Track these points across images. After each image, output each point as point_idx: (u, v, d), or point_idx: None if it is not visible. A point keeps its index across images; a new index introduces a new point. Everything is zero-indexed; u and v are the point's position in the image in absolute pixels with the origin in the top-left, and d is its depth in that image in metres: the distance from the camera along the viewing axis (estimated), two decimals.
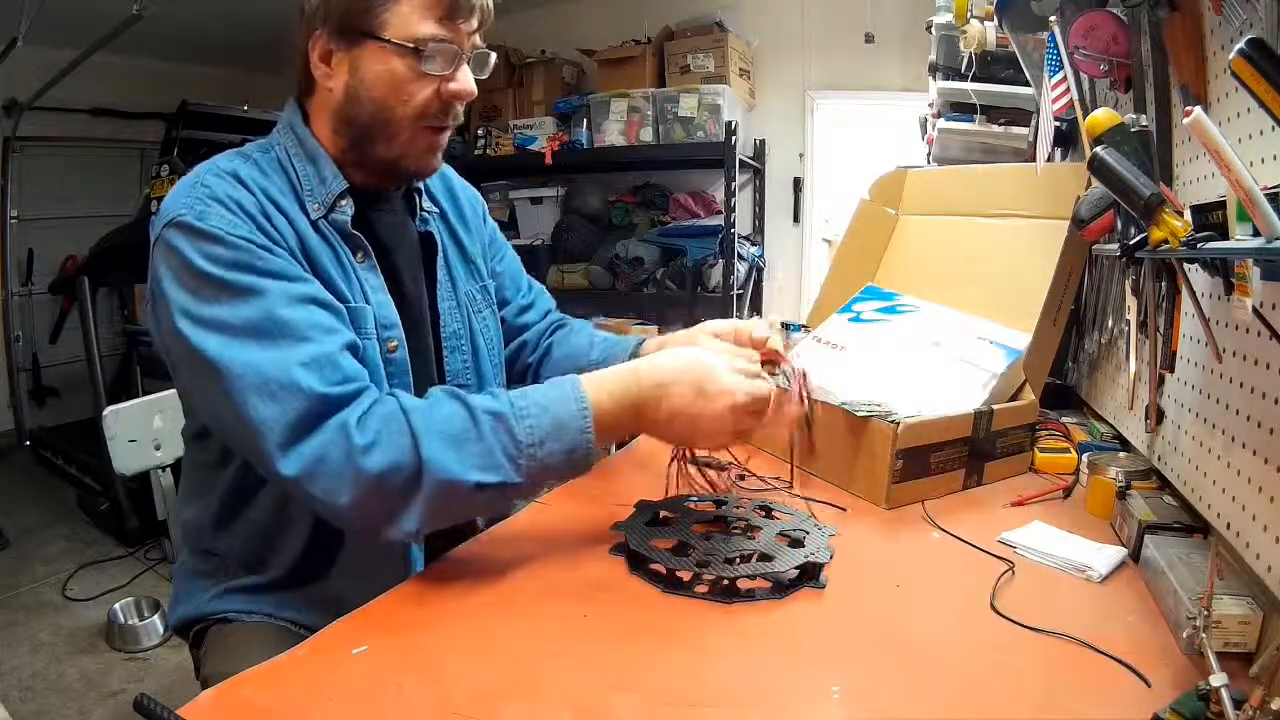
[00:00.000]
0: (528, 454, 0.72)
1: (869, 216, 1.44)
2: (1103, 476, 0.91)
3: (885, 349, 1.14)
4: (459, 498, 0.71)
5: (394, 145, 0.85)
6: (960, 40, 1.58)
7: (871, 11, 2.90)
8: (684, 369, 0.77)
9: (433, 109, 0.84)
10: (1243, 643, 0.58)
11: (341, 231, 0.85)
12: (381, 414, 0.71)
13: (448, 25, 0.81)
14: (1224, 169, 0.54)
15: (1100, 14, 0.96)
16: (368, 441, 0.69)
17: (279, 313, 0.72)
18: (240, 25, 3.66)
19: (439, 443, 0.70)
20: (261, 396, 0.70)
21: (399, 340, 0.87)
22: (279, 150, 0.87)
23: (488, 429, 0.71)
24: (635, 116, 3.07)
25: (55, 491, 3.17)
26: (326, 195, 0.84)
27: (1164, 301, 0.81)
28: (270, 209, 0.80)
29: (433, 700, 0.55)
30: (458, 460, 0.70)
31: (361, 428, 0.69)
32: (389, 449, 0.69)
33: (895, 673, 0.59)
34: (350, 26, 0.81)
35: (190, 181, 0.79)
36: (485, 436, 0.71)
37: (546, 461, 0.72)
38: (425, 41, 0.80)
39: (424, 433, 0.70)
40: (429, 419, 0.71)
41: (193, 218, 0.74)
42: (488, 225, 1.12)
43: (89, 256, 3.18)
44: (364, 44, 0.81)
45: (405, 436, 0.70)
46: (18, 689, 1.90)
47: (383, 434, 0.70)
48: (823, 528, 0.79)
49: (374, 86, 0.82)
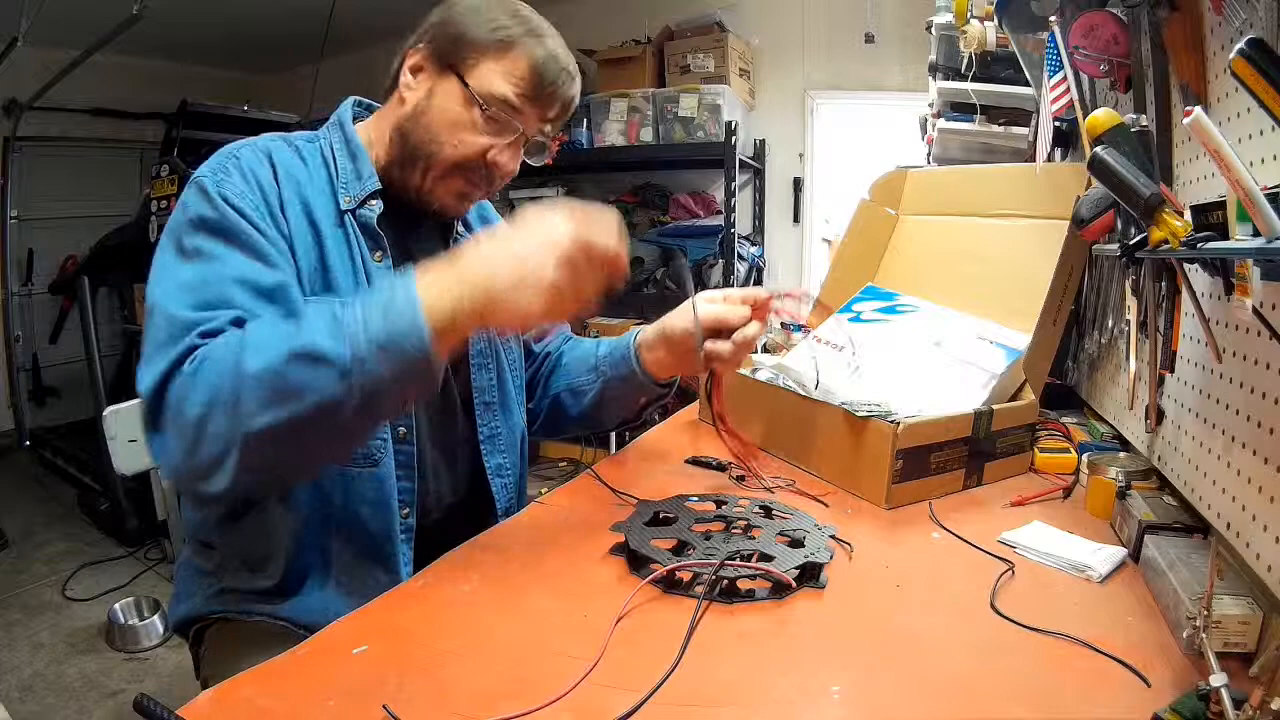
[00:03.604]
0: (349, 326, 0.64)
1: (869, 216, 1.44)
2: (1103, 476, 0.91)
3: (885, 349, 1.14)
4: (271, 386, 0.63)
5: (429, 178, 0.88)
6: (960, 40, 1.58)
7: (871, 12, 2.91)
8: (520, 241, 0.69)
9: (474, 164, 0.87)
10: (1243, 643, 0.58)
11: (366, 228, 0.87)
12: (209, 347, 0.68)
13: (524, 100, 0.86)
14: (1224, 169, 0.54)
15: (1100, 14, 0.96)
16: (192, 369, 0.66)
17: (226, 288, 0.73)
18: (240, 25, 3.67)
19: (256, 340, 0.65)
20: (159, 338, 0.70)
21: None
22: (324, 142, 0.91)
23: (309, 313, 0.68)
24: (635, 116, 3.07)
25: (55, 491, 3.18)
26: (360, 191, 0.88)
27: (1164, 301, 0.81)
28: (290, 196, 0.83)
29: (433, 700, 0.55)
30: (272, 348, 0.64)
31: (191, 361, 0.67)
32: (208, 373, 0.65)
33: (895, 673, 0.59)
34: (446, 56, 0.86)
35: (228, 150, 0.84)
36: (305, 319, 0.67)
37: (371, 331, 0.63)
38: (496, 103, 0.84)
39: (246, 340, 0.66)
40: (256, 329, 0.68)
41: (210, 181, 0.79)
42: None
43: (89, 256, 3.19)
44: (449, 77, 0.86)
45: (224, 357, 0.66)
46: (18, 689, 1.90)
47: (205, 360, 0.66)
48: (823, 527, 0.79)
49: (437, 117, 0.86)
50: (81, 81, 3.27)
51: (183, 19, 3.32)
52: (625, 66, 3.14)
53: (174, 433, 0.67)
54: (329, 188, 0.87)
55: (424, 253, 0.94)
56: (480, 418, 0.98)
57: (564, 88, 0.88)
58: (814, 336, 1.21)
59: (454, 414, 0.97)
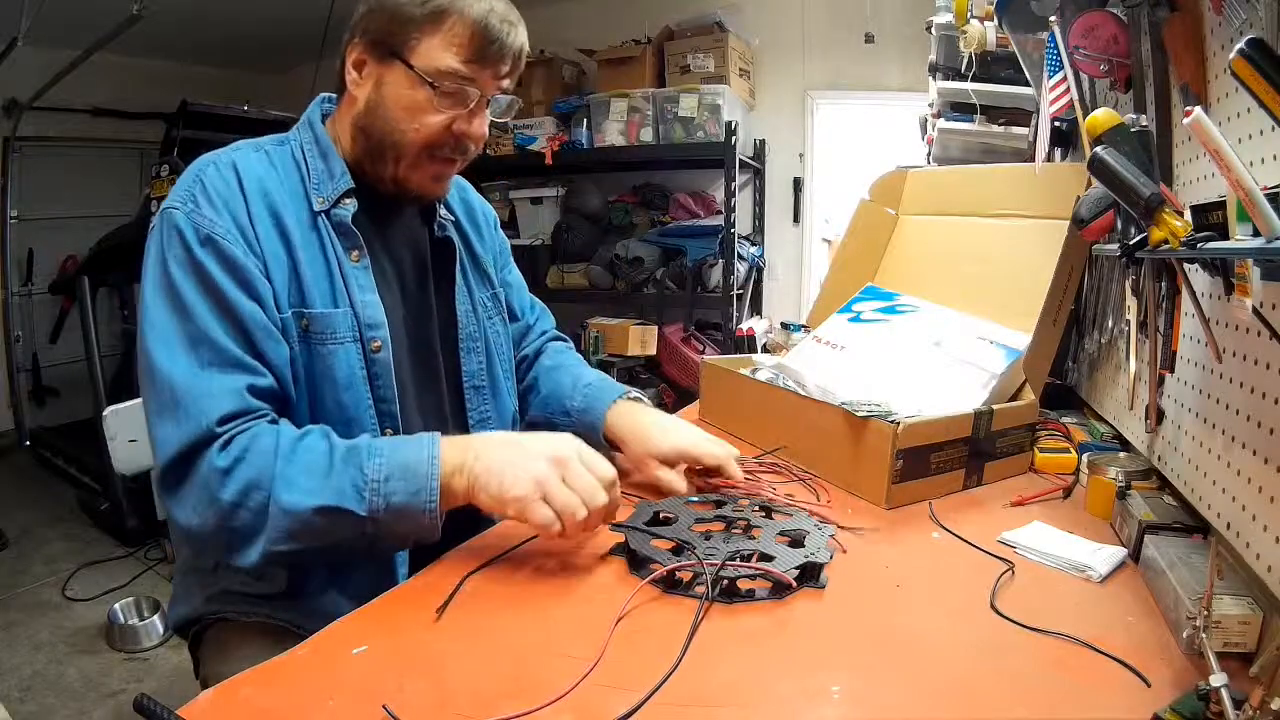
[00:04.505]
0: (372, 488, 0.71)
1: (869, 216, 1.44)
2: (1103, 476, 0.91)
3: (885, 349, 1.14)
4: (300, 524, 0.71)
5: (401, 166, 0.87)
6: (960, 40, 1.58)
7: (871, 11, 2.91)
8: (530, 441, 0.76)
9: (443, 142, 0.86)
10: (1243, 643, 0.58)
11: (340, 228, 0.86)
12: (247, 444, 0.73)
13: (473, 66, 0.83)
14: (1224, 169, 0.54)
15: (1100, 14, 0.96)
16: (228, 465, 0.71)
17: (218, 338, 0.76)
18: (240, 25, 3.66)
19: (292, 474, 0.72)
20: (165, 412, 0.74)
21: (383, 341, 0.87)
22: (294, 144, 0.89)
23: (339, 461, 0.73)
24: (635, 116, 3.07)
25: (55, 491, 3.18)
26: (333, 191, 0.86)
27: (1164, 301, 0.81)
28: (259, 210, 0.82)
29: (433, 700, 0.55)
30: (304, 489, 0.71)
31: (225, 453, 0.72)
32: (244, 477, 0.71)
33: (895, 673, 0.59)
34: (383, 44, 0.83)
35: (194, 171, 0.83)
36: (335, 468, 0.72)
37: (390, 500, 0.72)
38: (446, 77, 0.82)
39: (281, 465, 0.72)
40: (292, 452, 0.73)
41: (181, 216, 0.78)
42: (498, 234, 1.14)
43: (89, 256, 3.18)
44: (392, 64, 0.83)
45: (262, 470, 0.72)
46: (18, 689, 1.90)
47: (242, 461, 0.72)
48: (823, 527, 0.79)
49: (392, 107, 0.84)
50: (81, 81, 3.26)
51: (183, 19, 3.32)
52: (625, 66, 3.14)
53: (200, 506, 0.73)
54: (301, 189, 0.86)
55: (408, 244, 0.95)
56: (470, 402, 0.99)
57: (510, 40, 0.84)
58: (814, 337, 1.21)
59: (442, 399, 0.97)
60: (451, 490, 0.74)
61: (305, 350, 0.83)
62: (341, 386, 0.84)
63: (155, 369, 0.75)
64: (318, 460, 0.73)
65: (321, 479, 0.72)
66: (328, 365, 0.84)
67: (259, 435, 0.74)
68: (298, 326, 0.82)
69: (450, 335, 0.98)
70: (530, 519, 0.71)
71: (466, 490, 0.74)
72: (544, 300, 1.23)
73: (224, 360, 0.75)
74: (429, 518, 0.72)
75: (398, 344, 0.90)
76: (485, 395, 1.01)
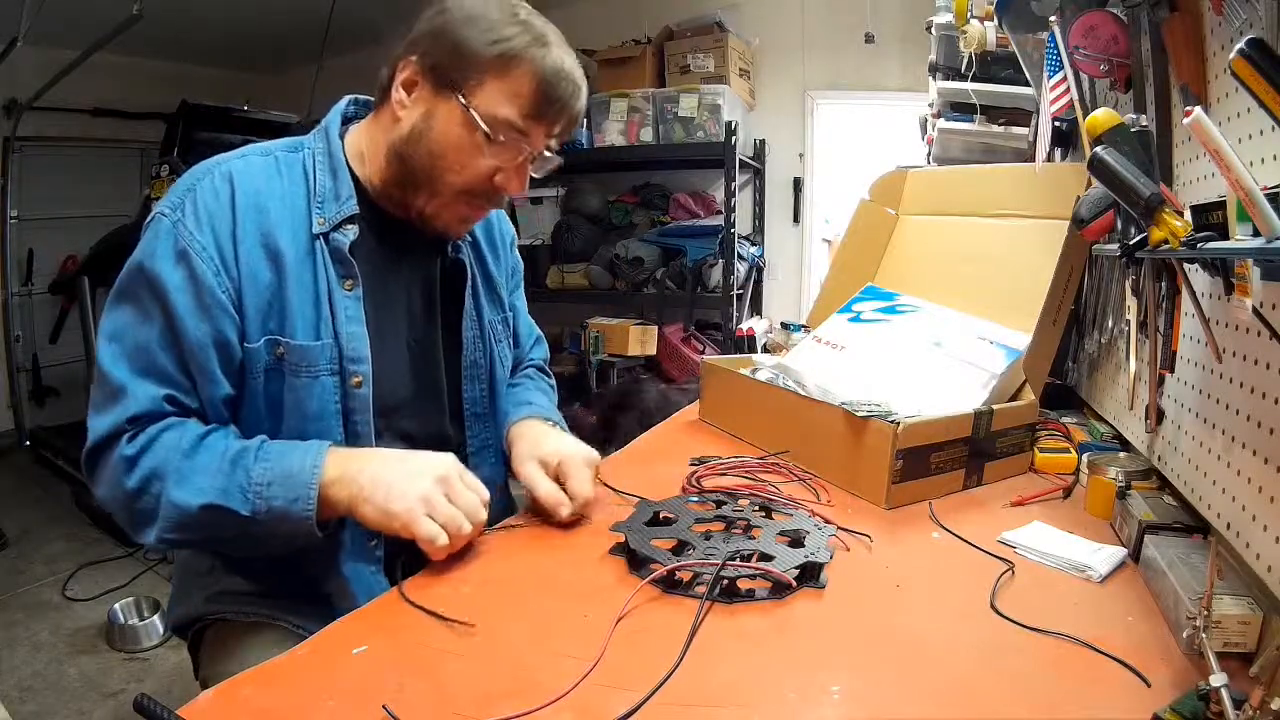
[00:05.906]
0: (255, 490, 0.74)
1: (869, 216, 1.44)
2: (1103, 476, 0.91)
3: (885, 349, 1.14)
4: (189, 517, 0.74)
5: (432, 203, 0.85)
6: (960, 40, 1.58)
7: (871, 11, 2.91)
8: (415, 460, 0.77)
9: (480, 188, 0.84)
10: (1243, 643, 0.58)
11: (337, 253, 0.83)
12: (153, 435, 0.76)
13: (529, 121, 0.81)
14: (1224, 169, 0.54)
15: (1100, 14, 0.96)
16: (133, 454, 0.75)
17: (156, 357, 0.77)
18: (240, 25, 3.67)
19: (187, 470, 0.75)
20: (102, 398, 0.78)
21: (365, 376, 0.84)
22: (306, 154, 0.86)
23: (230, 462, 0.75)
24: (635, 116, 3.07)
25: (55, 491, 3.17)
26: (336, 214, 0.83)
27: (1164, 301, 0.81)
28: (248, 230, 0.80)
29: (433, 700, 0.55)
30: (195, 487, 0.74)
31: (133, 444, 0.75)
32: (146, 466, 0.75)
33: (895, 673, 0.59)
34: (443, 74, 0.80)
35: (191, 177, 0.82)
36: (226, 468, 0.75)
37: (271, 504, 0.73)
38: (502, 127, 0.80)
39: (179, 460, 0.75)
40: (192, 450, 0.76)
41: (168, 223, 0.78)
42: (513, 254, 1.10)
43: (89, 256, 3.18)
44: (449, 98, 0.80)
45: (163, 462, 0.75)
46: (18, 689, 1.90)
47: (146, 453, 0.75)
48: (823, 527, 0.79)
49: (439, 142, 0.81)
50: (81, 81, 3.26)
51: (183, 19, 3.32)
52: (625, 66, 3.14)
53: (110, 489, 0.78)
54: (305, 205, 0.83)
55: (419, 266, 0.93)
56: (470, 429, 0.98)
57: (572, 102, 0.83)
58: (814, 337, 1.21)
59: (444, 426, 0.96)
60: (332, 500, 0.75)
61: (277, 378, 0.81)
62: (311, 418, 0.82)
63: (99, 361, 0.78)
64: (213, 460, 0.75)
65: (212, 478, 0.74)
66: (299, 397, 0.81)
67: (166, 428, 0.77)
68: (270, 355, 0.80)
69: (454, 361, 0.96)
70: (416, 532, 0.72)
71: (349, 501, 0.75)
72: (544, 300, 1.23)
73: (154, 372, 0.77)
74: (307, 524, 0.74)
75: (398, 371, 0.89)
76: (486, 423, 1.00)
